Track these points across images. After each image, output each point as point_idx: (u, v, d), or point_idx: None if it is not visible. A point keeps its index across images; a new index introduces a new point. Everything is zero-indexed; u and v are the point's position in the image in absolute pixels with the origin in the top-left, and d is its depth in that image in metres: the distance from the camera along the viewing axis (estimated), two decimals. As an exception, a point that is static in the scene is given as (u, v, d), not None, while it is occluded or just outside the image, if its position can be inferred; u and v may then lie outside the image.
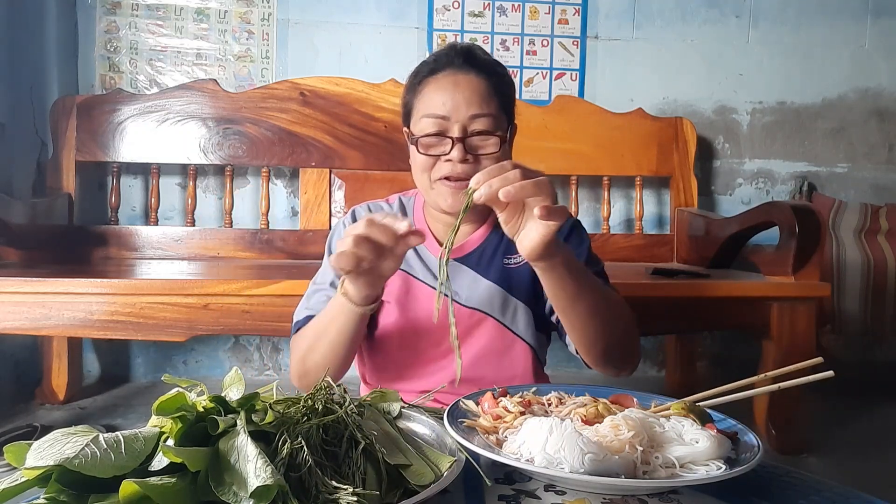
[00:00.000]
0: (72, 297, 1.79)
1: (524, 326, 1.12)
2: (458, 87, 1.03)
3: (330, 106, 2.52)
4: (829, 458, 2.04)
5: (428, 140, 1.04)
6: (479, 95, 1.03)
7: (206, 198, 2.66)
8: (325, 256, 1.19)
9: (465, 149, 1.02)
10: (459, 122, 1.02)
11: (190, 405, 0.56)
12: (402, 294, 1.12)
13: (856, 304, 2.57)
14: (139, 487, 0.46)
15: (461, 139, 1.02)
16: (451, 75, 1.05)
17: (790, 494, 0.65)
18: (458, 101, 1.02)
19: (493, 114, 1.04)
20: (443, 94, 1.03)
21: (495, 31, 2.76)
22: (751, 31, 2.87)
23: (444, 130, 1.03)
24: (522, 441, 0.65)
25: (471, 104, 1.02)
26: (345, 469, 0.55)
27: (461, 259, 1.13)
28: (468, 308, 1.11)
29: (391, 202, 1.21)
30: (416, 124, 1.06)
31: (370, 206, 1.19)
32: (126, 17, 2.61)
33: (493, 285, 1.11)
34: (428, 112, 1.04)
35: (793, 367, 0.76)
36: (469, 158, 1.02)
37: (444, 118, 1.03)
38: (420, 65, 1.11)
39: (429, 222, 1.16)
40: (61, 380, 2.38)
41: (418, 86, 1.08)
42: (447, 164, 1.03)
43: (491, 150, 1.04)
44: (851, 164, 2.95)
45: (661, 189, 2.84)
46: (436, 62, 1.08)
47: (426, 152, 1.04)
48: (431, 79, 1.06)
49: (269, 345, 2.74)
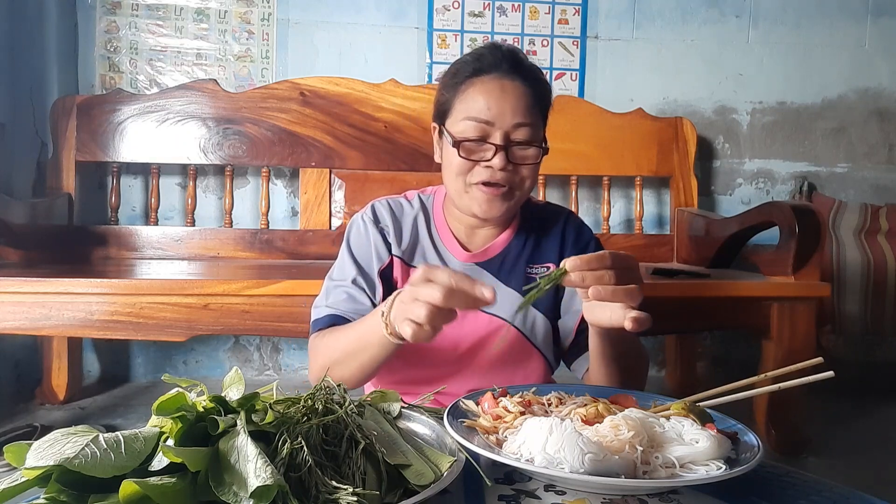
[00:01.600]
0: (72, 297, 1.79)
1: (542, 339, 1.11)
2: (504, 93, 1.02)
3: (330, 106, 2.52)
4: (829, 458, 2.04)
5: (470, 144, 1.02)
6: (525, 104, 1.02)
7: (206, 198, 2.66)
8: (343, 252, 1.15)
9: (507, 157, 1.01)
10: (503, 130, 1.01)
11: (190, 405, 0.56)
12: None
13: (856, 304, 2.57)
14: (139, 487, 0.46)
15: (504, 147, 1.00)
16: (498, 80, 1.03)
17: (790, 494, 0.65)
18: (503, 108, 1.01)
19: (535, 123, 1.03)
20: (488, 99, 1.01)
21: (495, 31, 2.76)
22: (751, 31, 2.87)
23: (486, 136, 1.01)
24: (522, 441, 0.65)
25: (516, 112, 1.01)
26: (345, 469, 0.55)
27: (483, 264, 1.12)
28: (488, 314, 1.09)
29: (410, 199, 1.19)
30: (456, 125, 1.04)
31: (390, 203, 1.17)
32: (126, 17, 2.61)
33: (515, 294, 1.10)
34: (471, 115, 1.02)
35: (793, 368, 0.77)
36: (509, 167, 1.01)
37: (488, 123, 1.01)
38: (460, 62, 1.08)
39: (449, 222, 1.15)
40: (61, 380, 2.38)
41: (460, 85, 1.05)
42: (486, 169, 1.02)
43: (531, 160, 1.03)
44: (851, 164, 2.95)
45: (661, 189, 2.84)
46: (479, 62, 1.05)
47: (467, 157, 1.02)
48: (476, 80, 1.03)
49: (269, 345, 2.74)
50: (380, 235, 1.13)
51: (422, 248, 1.13)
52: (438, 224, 1.15)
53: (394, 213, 1.15)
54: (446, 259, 1.12)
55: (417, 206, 1.17)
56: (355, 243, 1.14)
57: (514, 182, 1.04)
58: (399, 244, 1.13)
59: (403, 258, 1.12)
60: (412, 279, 0.79)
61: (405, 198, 1.19)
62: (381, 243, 1.12)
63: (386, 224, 1.14)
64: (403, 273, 1.12)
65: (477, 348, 1.10)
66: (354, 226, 1.17)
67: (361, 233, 1.14)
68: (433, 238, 1.14)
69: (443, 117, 1.08)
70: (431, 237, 1.14)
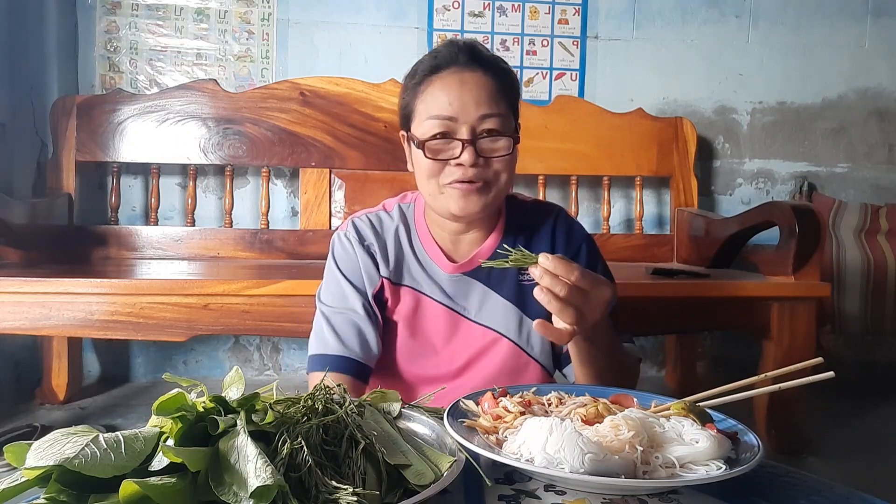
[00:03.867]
0: (72, 297, 1.79)
1: (539, 348, 1.07)
2: (464, 85, 0.97)
3: (330, 106, 2.52)
4: (829, 458, 2.04)
5: (435, 144, 0.97)
6: (488, 94, 0.97)
7: (206, 198, 2.66)
8: (333, 274, 1.09)
9: (476, 151, 0.96)
10: (468, 123, 0.96)
11: (190, 405, 0.56)
12: (411, 312, 1.07)
13: (856, 304, 2.57)
14: (139, 487, 0.46)
15: (471, 141, 0.95)
16: (457, 73, 0.98)
17: (790, 494, 0.65)
18: (465, 100, 0.96)
19: (502, 113, 0.98)
20: (449, 94, 0.96)
21: (495, 31, 2.76)
22: (751, 31, 2.87)
23: (452, 132, 0.96)
24: (522, 441, 0.65)
25: (480, 103, 0.96)
26: (345, 469, 0.55)
27: (471, 273, 1.07)
28: (481, 326, 1.06)
29: (390, 210, 1.12)
30: (419, 127, 0.99)
31: (370, 219, 1.11)
32: (126, 17, 2.61)
33: (507, 304, 1.06)
34: (433, 113, 0.97)
35: (793, 368, 0.76)
36: (480, 162, 0.96)
37: (451, 119, 0.96)
38: (417, 64, 1.03)
39: (432, 230, 1.09)
40: (61, 380, 2.38)
41: (419, 86, 1.00)
42: (457, 168, 0.96)
43: (502, 151, 0.98)
44: (851, 164, 2.94)
45: (661, 189, 2.84)
46: (436, 59, 1.00)
47: (434, 157, 0.97)
48: (435, 77, 0.99)
49: (269, 345, 2.74)
50: (368, 256, 1.07)
51: (407, 265, 1.08)
52: (421, 234, 1.09)
53: (376, 230, 1.09)
54: (432, 273, 1.07)
55: (397, 217, 1.11)
56: (345, 266, 1.08)
57: (487, 177, 0.98)
58: (386, 264, 1.07)
59: (391, 279, 1.07)
60: None
61: (384, 209, 1.13)
62: (371, 265, 1.07)
63: (371, 242, 1.08)
64: (393, 294, 1.07)
65: (472, 362, 1.07)
66: (338, 246, 1.10)
67: (349, 254, 1.08)
68: (416, 252, 1.09)
69: (407, 122, 1.04)
70: (415, 251, 1.09)
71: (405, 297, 1.07)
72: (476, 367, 1.06)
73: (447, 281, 1.07)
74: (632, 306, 1.84)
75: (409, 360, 1.08)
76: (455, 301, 1.07)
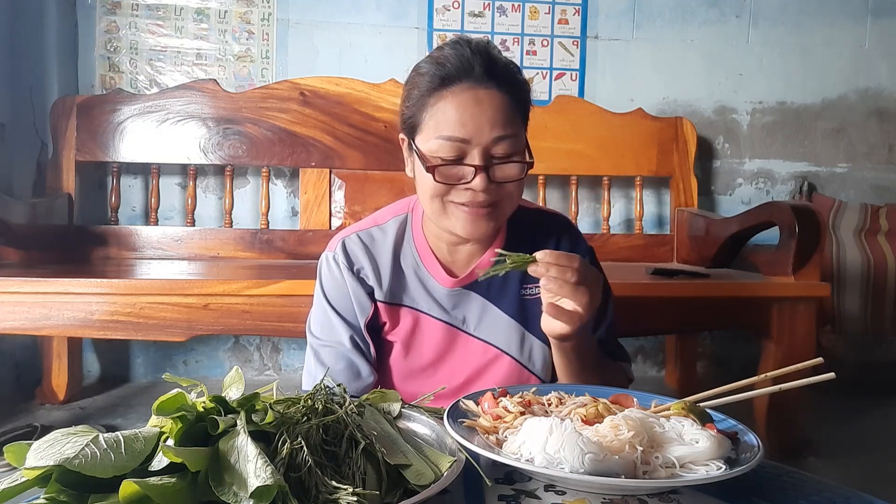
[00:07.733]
0: (72, 297, 1.79)
1: (541, 365, 1.05)
2: (479, 104, 0.90)
3: (330, 106, 2.52)
4: (829, 458, 2.04)
5: (445, 168, 0.91)
6: (504, 114, 0.91)
7: (206, 198, 2.66)
8: (321, 303, 1.04)
9: (489, 177, 0.91)
10: (481, 146, 0.90)
11: (190, 405, 0.56)
12: (409, 332, 1.04)
13: (856, 304, 2.57)
14: (139, 487, 0.46)
15: (484, 168, 0.90)
16: (471, 90, 0.91)
17: (790, 494, 0.65)
18: (480, 122, 0.90)
19: (517, 133, 0.93)
20: (462, 114, 0.90)
21: (495, 31, 2.76)
22: (751, 31, 2.87)
23: (463, 155, 0.91)
24: (522, 441, 0.65)
25: (494, 125, 0.90)
26: (345, 469, 0.55)
27: (470, 286, 1.03)
28: (482, 342, 1.04)
29: (383, 224, 1.07)
30: (427, 142, 0.93)
31: (361, 238, 1.05)
32: (126, 17, 2.61)
33: (508, 319, 1.03)
34: (444, 133, 0.90)
35: (793, 368, 0.76)
36: (492, 187, 0.91)
37: (463, 141, 0.90)
38: (423, 67, 0.95)
39: (430, 240, 1.04)
40: (61, 380, 2.38)
41: (428, 97, 0.93)
42: (466, 191, 0.91)
43: (515, 176, 0.93)
44: (851, 164, 2.94)
45: (661, 189, 2.84)
46: (446, 69, 0.92)
47: (444, 181, 0.91)
48: (446, 92, 0.91)
49: (269, 345, 2.74)
50: (357, 283, 1.03)
51: (403, 283, 1.04)
52: (419, 248, 1.04)
53: (368, 250, 1.04)
54: (430, 289, 1.03)
55: (392, 232, 1.05)
56: (332, 295, 1.04)
57: (498, 199, 0.94)
58: (380, 286, 1.03)
59: (387, 300, 1.03)
60: None
61: (376, 223, 1.07)
62: (361, 292, 1.02)
63: (361, 265, 1.03)
64: (391, 315, 1.04)
65: (472, 380, 1.05)
66: (325, 270, 1.05)
67: (338, 281, 1.04)
68: (413, 268, 1.04)
69: (411, 132, 0.97)
70: (411, 267, 1.04)
71: (403, 318, 1.04)
72: (476, 385, 1.04)
73: (446, 296, 1.04)
74: (632, 306, 1.84)
75: (408, 379, 1.06)
76: (453, 315, 1.04)
